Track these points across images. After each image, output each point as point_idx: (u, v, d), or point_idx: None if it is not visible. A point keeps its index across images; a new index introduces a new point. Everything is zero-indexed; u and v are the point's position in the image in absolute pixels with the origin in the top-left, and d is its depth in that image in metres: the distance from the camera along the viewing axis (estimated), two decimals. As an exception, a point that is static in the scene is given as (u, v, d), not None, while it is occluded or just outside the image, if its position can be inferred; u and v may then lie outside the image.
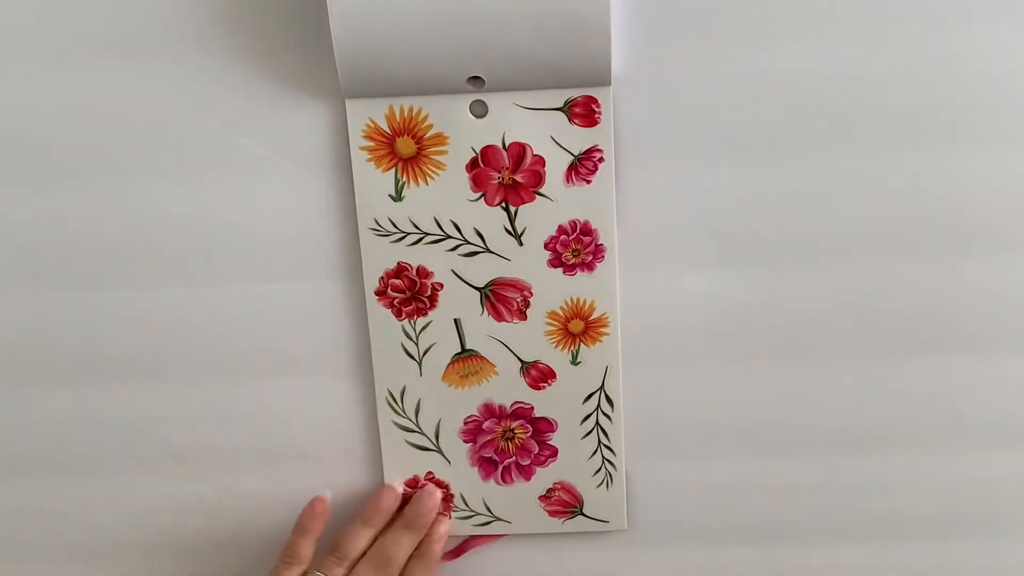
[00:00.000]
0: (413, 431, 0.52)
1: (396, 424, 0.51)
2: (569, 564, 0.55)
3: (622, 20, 0.44)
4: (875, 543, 0.54)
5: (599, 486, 0.53)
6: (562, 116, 0.45)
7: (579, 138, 0.46)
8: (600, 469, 0.52)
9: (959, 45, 0.44)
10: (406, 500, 0.53)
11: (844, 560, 0.55)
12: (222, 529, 0.55)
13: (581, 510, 0.53)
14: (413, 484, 0.53)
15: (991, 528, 0.54)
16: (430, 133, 0.46)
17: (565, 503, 0.53)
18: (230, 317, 0.50)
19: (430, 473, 0.52)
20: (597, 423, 0.51)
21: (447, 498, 0.53)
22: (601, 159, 0.46)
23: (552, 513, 0.53)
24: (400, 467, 0.52)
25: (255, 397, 0.52)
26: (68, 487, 0.54)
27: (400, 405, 0.51)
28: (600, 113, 0.45)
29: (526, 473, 0.53)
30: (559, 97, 0.45)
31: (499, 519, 0.54)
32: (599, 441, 0.52)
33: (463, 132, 0.46)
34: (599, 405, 0.51)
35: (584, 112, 0.45)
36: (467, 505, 0.53)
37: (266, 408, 0.52)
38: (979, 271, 0.48)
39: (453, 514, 0.53)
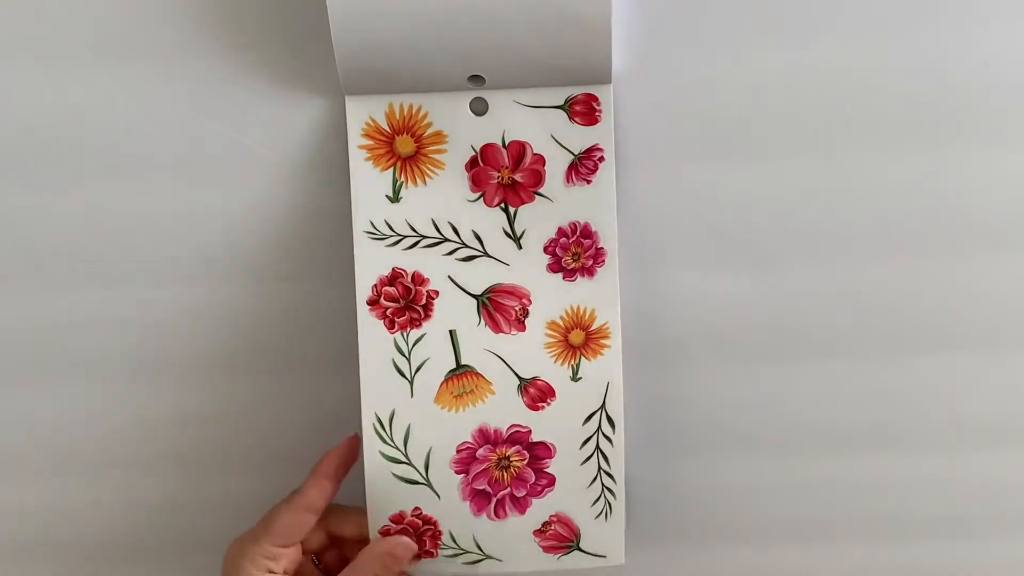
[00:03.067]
0: (401, 462, 0.48)
1: (383, 455, 0.48)
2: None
3: (622, 17, 0.45)
4: (875, 543, 0.53)
5: (597, 517, 0.49)
6: (562, 114, 0.46)
7: (579, 136, 0.46)
8: (599, 498, 0.49)
9: (959, 45, 0.45)
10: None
11: (844, 560, 0.54)
12: (220, 529, 0.51)
13: (578, 544, 0.49)
14: (398, 520, 0.48)
15: (991, 528, 0.53)
16: (429, 131, 0.46)
17: (561, 537, 0.49)
18: (229, 317, 0.49)
19: (417, 509, 0.48)
20: (597, 447, 0.49)
21: (434, 535, 0.49)
22: (601, 158, 0.46)
23: (547, 549, 0.49)
24: (385, 502, 0.48)
25: (254, 397, 0.50)
26: (68, 487, 0.53)
27: (388, 432, 0.48)
28: (601, 111, 0.45)
29: (521, 506, 0.49)
30: (559, 95, 0.45)
31: (490, 557, 0.49)
32: (599, 467, 0.49)
33: (463, 130, 0.46)
34: (600, 427, 0.48)
35: (585, 110, 0.45)
36: (455, 543, 0.49)
37: (265, 408, 0.50)
38: (979, 271, 0.48)
39: (440, 551, 0.49)
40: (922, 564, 0.54)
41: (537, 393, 0.48)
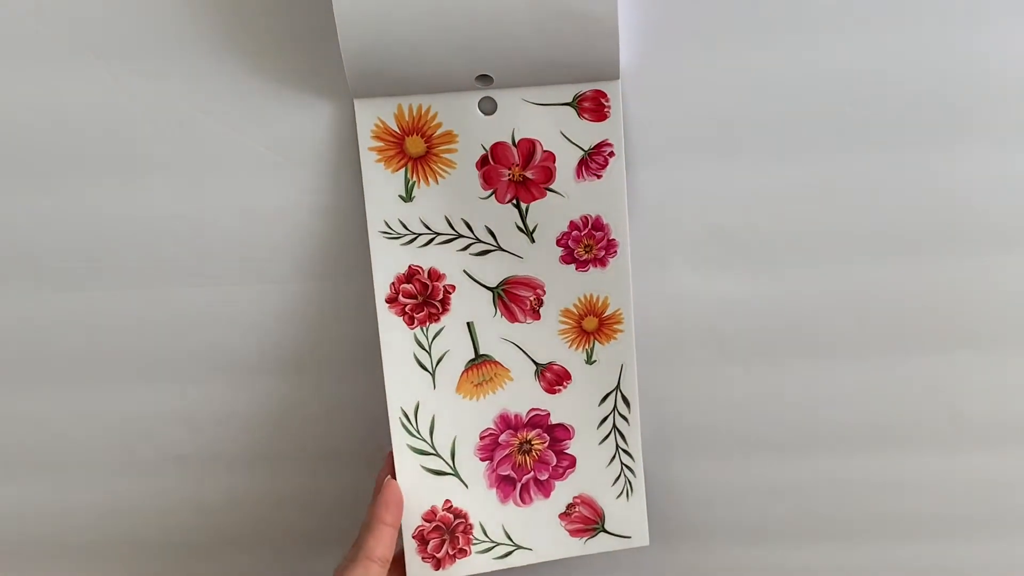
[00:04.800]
0: (429, 454, 0.50)
1: (411, 448, 0.49)
2: (580, 563, 0.54)
3: (629, 14, 0.44)
4: (875, 543, 0.54)
5: (619, 496, 0.51)
6: (571, 111, 0.46)
7: (589, 133, 0.46)
8: (620, 477, 0.51)
9: (960, 44, 0.45)
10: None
11: (844, 560, 0.55)
12: (221, 529, 0.54)
13: (603, 526, 0.52)
14: (430, 517, 0.50)
15: (991, 528, 0.54)
16: (439, 131, 0.46)
17: (586, 519, 0.51)
18: (239, 319, 0.49)
19: (447, 502, 0.50)
20: (614, 426, 0.50)
21: (466, 529, 0.50)
22: (611, 153, 0.46)
23: (573, 532, 0.52)
24: (417, 497, 0.49)
25: (262, 399, 0.51)
26: (67, 487, 0.53)
27: (415, 425, 0.49)
28: (609, 107, 0.45)
29: (545, 489, 0.51)
30: (568, 92, 0.45)
31: (520, 547, 0.51)
32: (616, 446, 0.51)
33: (472, 129, 0.46)
34: (615, 406, 0.50)
35: (593, 107, 0.45)
36: (486, 535, 0.51)
37: (266, 408, 0.51)
38: (979, 271, 0.48)
39: (472, 547, 0.51)
40: (922, 564, 0.55)
41: (553, 377, 0.50)
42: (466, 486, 0.50)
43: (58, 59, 0.45)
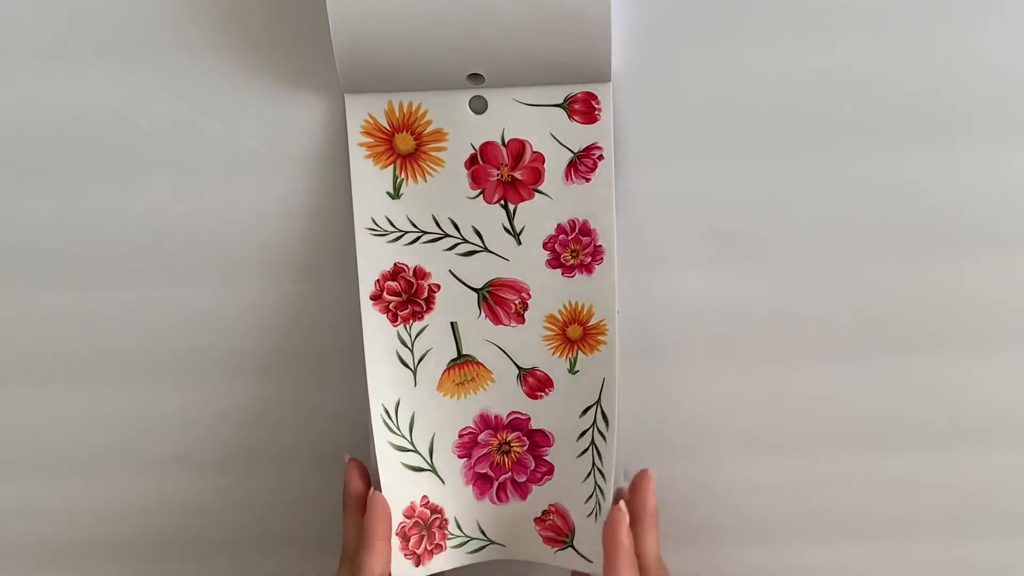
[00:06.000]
0: (408, 450, 0.49)
1: (392, 444, 0.49)
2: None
3: (622, 16, 0.44)
4: (875, 543, 0.54)
5: (589, 516, 0.50)
6: (562, 112, 0.45)
7: (579, 135, 0.45)
8: (592, 496, 0.50)
9: (960, 44, 0.44)
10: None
11: (844, 560, 0.54)
12: (221, 529, 0.54)
13: (572, 542, 0.51)
14: (409, 514, 0.49)
15: (991, 528, 0.54)
16: (429, 129, 0.46)
17: (559, 530, 0.51)
18: (231, 316, 0.50)
19: (424, 498, 0.50)
20: (592, 442, 0.50)
21: (441, 524, 0.50)
22: (601, 156, 0.46)
23: (546, 540, 0.51)
24: (398, 494, 0.49)
25: (254, 397, 0.51)
26: (66, 487, 0.54)
27: (395, 421, 0.49)
28: (600, 110, 0.45)
29: (522, 491, 0.51)
30: (559, 93, 0.45)
31: (494, 542, 0.51)
32: (592, 463, 0.50)
33: (462, 128, 0.45)
34: (595, 421, 0.49)
35: (584, 109, 0.45)
36: (461, 530, 0.51)
37: (265, 408, 0.51)
38: (979, 271, 0.48)
39: (447, 542, 0.50)
40: (922, 564, 0.55)
41: (536, 383, 0.49)
42: (442, 482, 0.50)
43: (57, 59, 0.45)
